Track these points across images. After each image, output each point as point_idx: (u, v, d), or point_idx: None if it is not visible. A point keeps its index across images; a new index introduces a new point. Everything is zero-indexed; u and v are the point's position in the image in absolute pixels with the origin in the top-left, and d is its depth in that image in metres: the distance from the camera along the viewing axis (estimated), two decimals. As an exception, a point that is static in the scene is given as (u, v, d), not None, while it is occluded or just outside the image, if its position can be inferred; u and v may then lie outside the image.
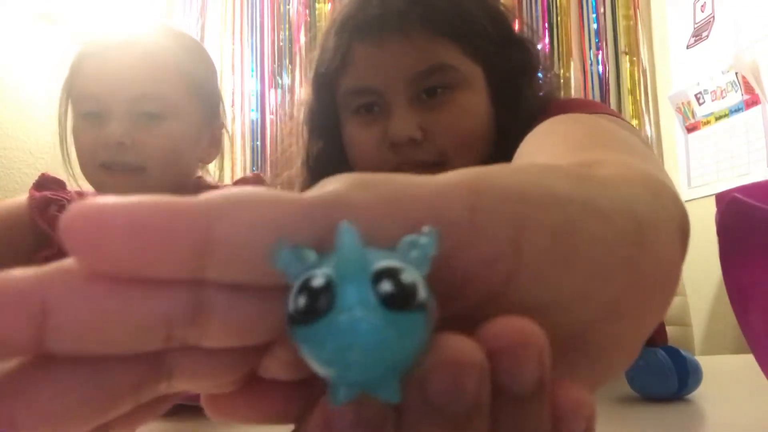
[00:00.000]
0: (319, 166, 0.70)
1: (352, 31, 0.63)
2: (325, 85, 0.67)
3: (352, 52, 0.63)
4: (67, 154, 0.80)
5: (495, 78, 0.66)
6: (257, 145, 1.85)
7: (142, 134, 0.73)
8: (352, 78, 0.64)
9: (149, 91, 0.73)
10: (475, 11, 0.65)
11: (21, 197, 0.79)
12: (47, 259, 0.79)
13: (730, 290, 0.50)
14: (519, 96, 0.66)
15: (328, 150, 0.69)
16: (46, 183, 0.82)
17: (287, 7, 1.92)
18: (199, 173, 0.87)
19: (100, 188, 0.77)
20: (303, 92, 0.75)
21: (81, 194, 0.84)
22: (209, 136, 0.83)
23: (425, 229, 0.13)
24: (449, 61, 0.63)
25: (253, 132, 1.86)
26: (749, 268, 0.46)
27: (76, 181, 0.83)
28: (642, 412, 0.44)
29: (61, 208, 0.79)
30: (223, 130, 0.87)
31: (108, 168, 0.73)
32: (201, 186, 0.85)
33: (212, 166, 0.93)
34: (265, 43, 1.90)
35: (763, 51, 1.56)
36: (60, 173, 0.85)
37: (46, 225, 0.77)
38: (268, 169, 1.84)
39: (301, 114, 0.74)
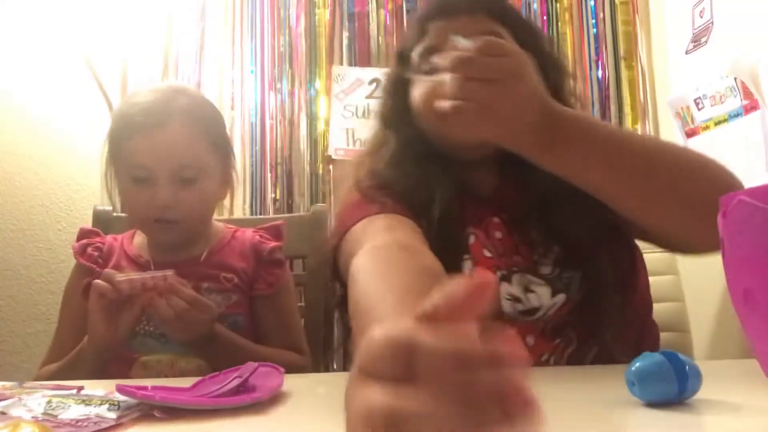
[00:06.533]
0: (395, 118, 0.89)
1: (429, 15, 0.85)
2: (403, 59, 0.87)
3: (427, 28, 0.84)
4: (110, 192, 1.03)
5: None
6: (256, 150, 1.85)
7: (181, 196, 0.93)
8: (426, 43, 0.82)
9: (187, 162, 0.93)
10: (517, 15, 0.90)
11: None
12: (88, 284, 0.96)
13: (733, 292, 0.50)
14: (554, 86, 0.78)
15: (399, 106, 0.88)
16: (83, 234, 1.07)
17: (287, 12, 1.92)
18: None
19: (151, 235, 1.02)
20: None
21: (115, 238, 1.08)
22: (225, 177, 1.03)
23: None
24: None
25: (252, 137, 1.85)
26: (755, 269, 0.46)
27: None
28: (642, 418, 0.44)
29: (96, 248, 1.04)
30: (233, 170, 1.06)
31: (157, 221, 0.94)
32: (214, 227, 1.08)
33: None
34: (265, 47, 1.90)
35: (761, 56, 1.56)
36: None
37: (86, 261, 1.02)
38: (268, 173, 1.84)
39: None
